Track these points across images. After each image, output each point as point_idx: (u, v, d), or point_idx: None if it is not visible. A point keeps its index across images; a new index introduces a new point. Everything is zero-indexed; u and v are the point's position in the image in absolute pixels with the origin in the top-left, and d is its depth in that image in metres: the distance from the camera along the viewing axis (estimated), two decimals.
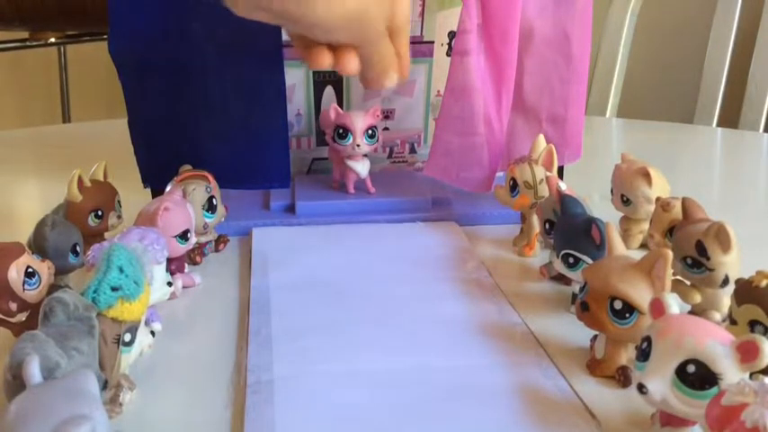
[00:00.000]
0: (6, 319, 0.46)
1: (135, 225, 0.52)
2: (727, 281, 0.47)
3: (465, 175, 0.70)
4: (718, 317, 0.48)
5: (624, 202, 0.63)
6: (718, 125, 1.30)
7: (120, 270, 0.40)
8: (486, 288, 0.56)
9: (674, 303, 0.38)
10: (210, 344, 0.50)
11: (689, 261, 0.48)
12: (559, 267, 0.52)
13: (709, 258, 0.47)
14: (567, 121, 0.71)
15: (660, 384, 0.35)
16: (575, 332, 0.48)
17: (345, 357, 0.47)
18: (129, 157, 0.69)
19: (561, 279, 0.57)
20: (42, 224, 0.51)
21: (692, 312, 0.49)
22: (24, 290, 0.45)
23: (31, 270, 0.46)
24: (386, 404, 0.42)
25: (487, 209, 0.70)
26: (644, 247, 0.63)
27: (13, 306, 0.45)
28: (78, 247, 0.53)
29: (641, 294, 0.42)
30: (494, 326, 0.51)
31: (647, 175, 0.61)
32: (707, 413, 0.33)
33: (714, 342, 0.35)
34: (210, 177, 0.61)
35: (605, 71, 1.35)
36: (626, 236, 0.63)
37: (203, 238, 0.62)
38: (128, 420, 0.41)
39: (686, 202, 0.51)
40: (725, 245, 0.46)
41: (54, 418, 0.30)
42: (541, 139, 0.64)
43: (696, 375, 0.34)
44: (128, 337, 0.41)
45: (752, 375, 0.35)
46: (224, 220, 0.63)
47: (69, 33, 1.71)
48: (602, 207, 0.64)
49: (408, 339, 0.49)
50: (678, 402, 0.35)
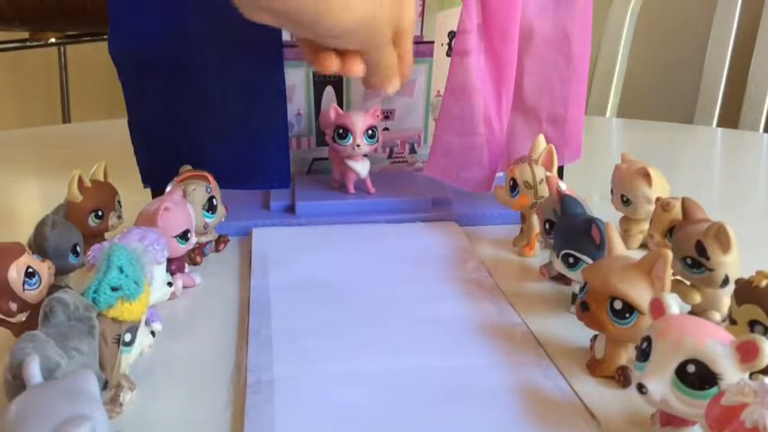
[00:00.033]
0: (6, 319, 0.46)
1: (135, 225, 0.52)
2: (727, 281, 0.47)
3: (465, 175, 0.70)
4: (718, 317, 0.48)
5: (624, 202, 0.63)
6: (719, 125, 1.30)
7: (121, 270, 0.40)
8: (486, 288, 0.56)
9: (674, 303, 0.38)
10: (210, 344, 0.50)
11: (689, 261, 0.48)
12: (559, 267, 0.52)
13: (709, 258, 0.47)
14: (567, 121, 0.71)
15: (660, 384, 0.35)
16: (575, 332, 0.48)
17: (345, 357, 0.47)
18: (129, 157, 0.69)
19: (561, 279, 0.57)
20: (42, 224, 0.51)
21: (692, 312, 0.49)
22: (24, 290, 0.45)
23: (31, 270, 0.46)
24: (386, 404, 0.42)
25: (487, 209, 0.70)
26: (644, 247, 0.63)
27: (14, 306, 0.45)
28: (78, 248, 0.53)
29: (641, 294, 0.42)
30: (494, 326, 0.51)
31: (647, 176, 0.61)
32: (707, 413, 0.33)
33: (714, 342, 0.35)
34: (210, 177, 0.61)
35: (605, 71, 1.35)
36: (626, 236, 0.63)
37: (203, 239, 0.62)
38: (128, 420, 0.41)
39: (686, 202, 0.51)
40: (725, 245, 0.46)
41: (54, 418, 0.30)
42: (541, 139, 0.64)
43: (696, 375, 0.34)
44: (128, 337, 0.41)
45: (752, 375, 0.35)
46: (224, 220, 0.63)
47: (69, 33, 1.71)
48: (602, 207, 0.64)
49: (408, 339, 0.49)
50: (678, 402, 0.35)
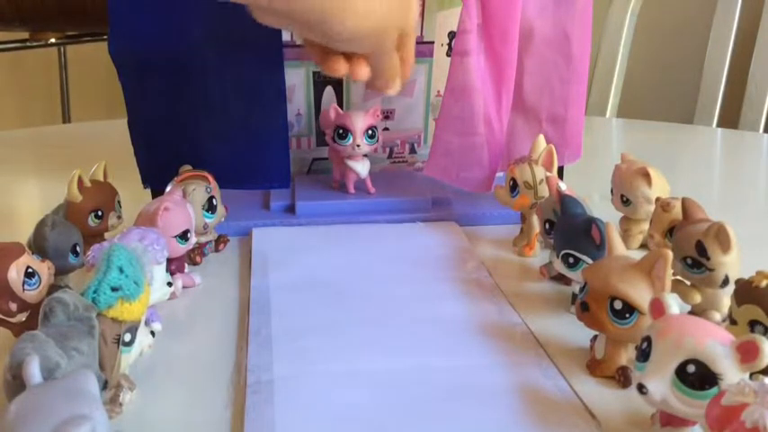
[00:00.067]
0: (6, 319, 0.46)
1: (135, 225, 0.52)
2: (727, 281, 0.47)
3: (465, 175, 0.70)
4: (718, 317, 0.48)
5: (624, 202, 0.63)
6: (719, 125, 1.30)
7: (120, 270, 0.40)
8: (486, 288, 0.56)
9: (674, 303, 0.38)
10: (210, 344, 0.50)
11: (689, 261, 0.48)
12: (559, 267, 0.52)
13: (709, 258, 0.47)
14: (567, 121, 0.71)
15: (660, 384, 0.35)
16: (575, 332, 0.48)
17: (345, 357, 0.47)
18: (129, 157, 0.69)
19: (561, 279, 0.57)
20: (42, 224, 0.51)
21: (692, 312, 0.49)
22: (24, 290, 0.45)
23: (31, 270, 0.46)
24: (386, 404, 0.42)
25: (487, 209, 0.70)
26: (644, 247, 0.63)
27: (13, 306, 0.45)
28: (78, 248, 0.53)
29: (641, 294, 0.42)
30: (494, 326, 0.51)
31: (646, 176, 0.61)
32: (707, 413, 0.33)
33: (714, 342, 0.35)
34: (210, 177, 0.61)
35: (605, 71, 1.35)
36: (626, 236, 0.63)
37: (203, 239, 0.62)
38: (128, 420, 0.41)
39: (686, 203, 0.51)
40: (725, 245, 0.46)
41: (54, 418, 0.30)
42: (541, 139, 0.64)
43: (696, 375, 0.34)
44: (128, 337, 0.41)
45: (752, 375, 0.35)
46: (224, 220, 0.63)
47: (69, 33, 1.71)
48: (602, 207, 0.64)
49: (408, 339, 0.49)
50: (678, 402, 0.35)
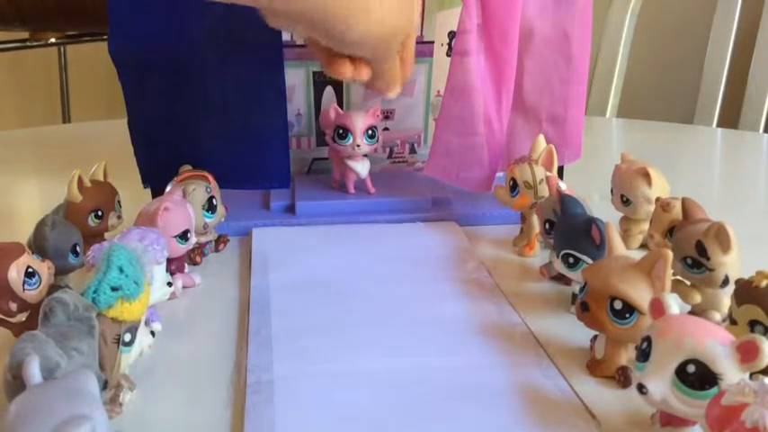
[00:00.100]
0: (6, 319, 0.46)
1: (135, 225, 0.52)
2: (727, 281, 0.47)
3: (465, 175, 0.70)
4: (718, 317, 0.48)
5: (624, 202, 0.63)
6: (719, 125, 1.30)
7: (120, 270, 0.40)
8: (486, 288, 0.56)
9: (674, 303, 0.38)
10: (210, 344, 0.50)
11: (689, 261, 0.48)
12: (559, 267, 0.52)
13: (709, 258, 0.46)
14: (567, 121, 0.71)
15: (660, 384, 0.35)
16: (575, 332, 0.48)
17: (345, 357, 0.47)
18: (129, 157, 0.69)
19: (561, 279, 0.57)
20: (42, 224, 0.51)
21: (692, 312, 0.49)
22: (24, 290, 0.45)
23: (31, 270, 0.46)
24: (386, 404, 0.42)
25: (487, 209, 0.70)
26: (644, 247, 0.63)
27: (13, 306, 0.45)
28: (78, 248, 0.53)
29: (641, 294, 0.42)
30: (494, 326, 0.51)
31: (646, 176, 0.61)
32: (707, 413, 0.33)
33: (714, 342, 0.35)
34: (210, 177, 0.61)
35: (605, 71, 1.35)
36: (626, 236, 0.63)
37: (203, 239, 0.62)
38: (128, 420, 0.41)
39: (686, 203, 0.51)
40: (725, 245, 0.46)
41: (54, 418, 0.30)
42: (541, 139, 0.64)
43: (696, 375, 0.34)
44: (128, 337, 0.41)
45: (752, 375, 0.35)
46: (224, 220, 0.63)
47: (69, 33, 1.71)
48: (602, 207, 0.64)
49: (408, 339, 0.49)
50: (678, 402, 0.35)
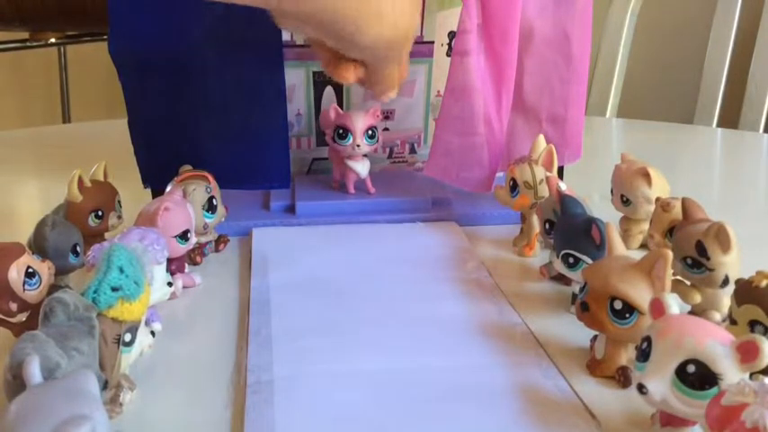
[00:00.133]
0: (6, 319, 0.46)
1: (135, 225, 0.52)
2: (727, 281, 0.47)
3: (465, 175, 0.70)
4: (718, 317, 0.48)
5: (624, 202, 0.63)
6: (719, 125, 1.30)
7: (121, 270, 0.40)
8: (486, 288, 0.56)
9: (674, 303, 0.38)
10: (210, 344, 0.50)
11: (689, 261, 0.48)
12: (559, 267, 0.52)
13: (709, 258, 0.46)
14: (567, 121, 0.71)
15: (660, 384, 0.35)
16: (575, 332, 0.48)
17: (345, 357, 0.47)
18: (129, 157, 0.69)
19: (561, 279, 0.57)
20: (42, 224, 0.51)
21: (692, 312, 0.49)
22: (24, 290, 0.45)
23: (31, 270, 0.46)
24: (386, 404, 0.42)
25: (487, 209, 0.70)
26: (644, 247, 0.63)
27: (14, 306, 0.45)
28: (78, 248, 0.53)
29: (641, 294, 0.42)
30: (494, 326, 0.51)
31: (647, 176, 0.61)
32: (707, 413, 0.33)
33: (714, 342, 0.35)
34: (210, 177, 0.61)
35: (605, 71, 1.35)
36: (626, 236, 0.63)
37: (203, 239, 0.62)
38: (128, 420, 0.41)
39: (686, 203, 0.51)
40: (725, 245, 0.46)
41: (54, 418, 0.30)
42: (541, 139, 0.64)
43: (696, 375, 0.34)
44: (128, 337, 0.41)
45: (752, 375, 0.35)
46: (224, 220, 0.63)
47: (69, 33, 1.71)
48: (602, 207, 0.64)
49: (408, 339, 0.49)
50: (678, 402, 0.35)
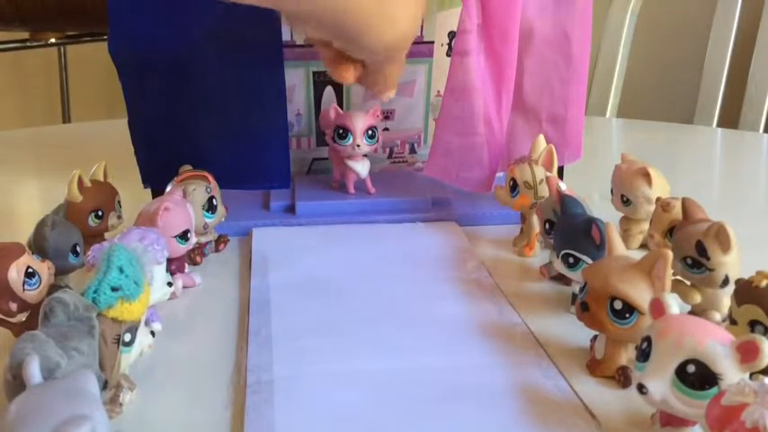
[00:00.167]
0: (6, 319, 0.46)
1: (135, 225, 0.52)
2: (727, 281, 0.47)
3: (465, 175, 0.70)
4: (718, 317, 0.48)
5: (624, 202, 0.63)
6: (719, 125, 1.30)
7: (121, 270, 0.40)
8: (486, 288, 0.56)
9: (674, 303, 0.38)
10: (210, 344, 0.50)
11: (689, 261, 0.48)
12: (559, 267, 0.52)
13: (709, 258, 0.46)
14: (567, 121, 0.71)
15: (660, 384, 0.35)
16: (575, 332, 0.48)
17: (345, 357, 0.47)
18: (129, 157, 0.69)
19: (561, 279, 0.57)
20: (42, 224, 0.51)
21: (692, 312, 0.49)
22: (24, 290, 0.45)
23: (31, 270, 0.46)
24: (386, 404, 0.42)
25: (487, 209, 0.70)
26: (644, 247, 0.63)
27: (13, 306, 0.45)
28: (78, 248, 0.53)
29: (641, 294, 0.42)
30: (494, 326, 0.51)
31: (647, 176, 0.61)
32: (707, 413, 0.33)
33: (714, 342, 0.35)
34: (210, 177, 0.61)
35: (605, 71, 1.35)
36: (626, 236, 0.63)
37: (203, 239, 0.62)
38: (128, 420, 0.41)
39: (686, 203, 0.51)
40: (725, 245, 0.46)
41: (54, 418, 0.30)
42: (541, 139, 0.64)
43: (696, 375, 0.34)
44: (128, 338, 0.41)
45: (752, 375, 0.35)
46: (224, 220, 0.63)
47: (69, 34, 1.71)
48: (602, 207, 0.64)
49: (408, 339, 0.49)
50: (678, 402, 0.35)
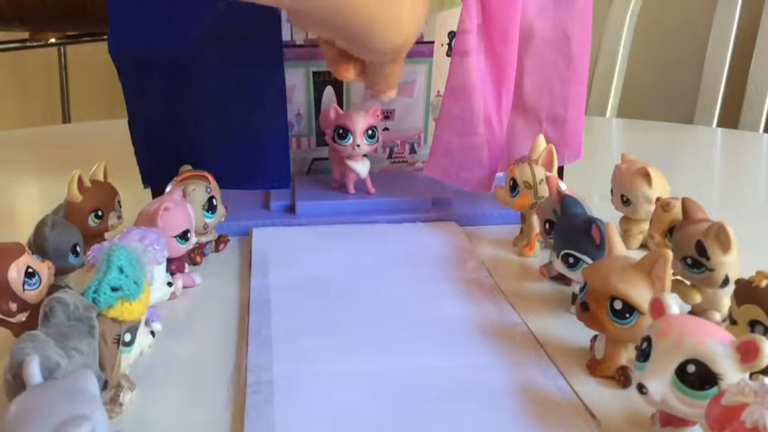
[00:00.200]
0: (6, 319, 0.46)
1: (135, 225, 0.52)
2: (727, 281, 0.47)
3: (465, 175, 0.70)
4: (718, 317, 0.48)
5: (624, 202, 0.63)
6: (719, 125, 1.30)
7: (121, 270, 0.40)
8: (486, 288, 0.56)
9: (674, 303, 0.38)
10: (210, 344, 0.50)
11: (689, 261, 0.48)
12: (559, 267, 0.52)
13: (709, 258, 0.47)
14: (567, 121, 0.71)
15: (660, 384, 0.35)
16: (575, 332, 0.48)
17: (345, 357, 0.47)
18: (129, 157, 0.69)
19: (561, 279, 0.57)
20: (42, 224, 0.51)
21: (692, 312, 0.49)
22: (24, 290, 0.45)
23: (31, 270, 0.46)
24: (386, 404, 0.42)
25: (487, 209, 0.70)
26: (644, 247, 0.63)
27: (13, 306, 0.45)
28: (78, 248, 0.53)
29: (641, 294, 0.42)
30: (494, 326, 0.51)
31: (647, 176, 0.61)
32: (707, 413, 0.33)
33: (714, 342, 0.35)
34: (210, 177, 0.61)
35: (605, 71, 1.35)
36: (626, 236, 0.63)
37: (203, 239, 0.62)
38: (128, 420, 0.41)
39: (686, 203, 0.51)
40: (725, 245, 0.46)
41: (54, 418, 0.30)
42: (541, 139, 0.64)
43: (696, 375, 0.34)
44: (128, 338, 0.41)
45: (752, 375, 0.35)
46: (224, 220, 0.63)
47: (69, 33, 1.71)
48: (602, 207, 0.64)
49: (408, 339, 0.49)
50: (678, 402, 0.35)
